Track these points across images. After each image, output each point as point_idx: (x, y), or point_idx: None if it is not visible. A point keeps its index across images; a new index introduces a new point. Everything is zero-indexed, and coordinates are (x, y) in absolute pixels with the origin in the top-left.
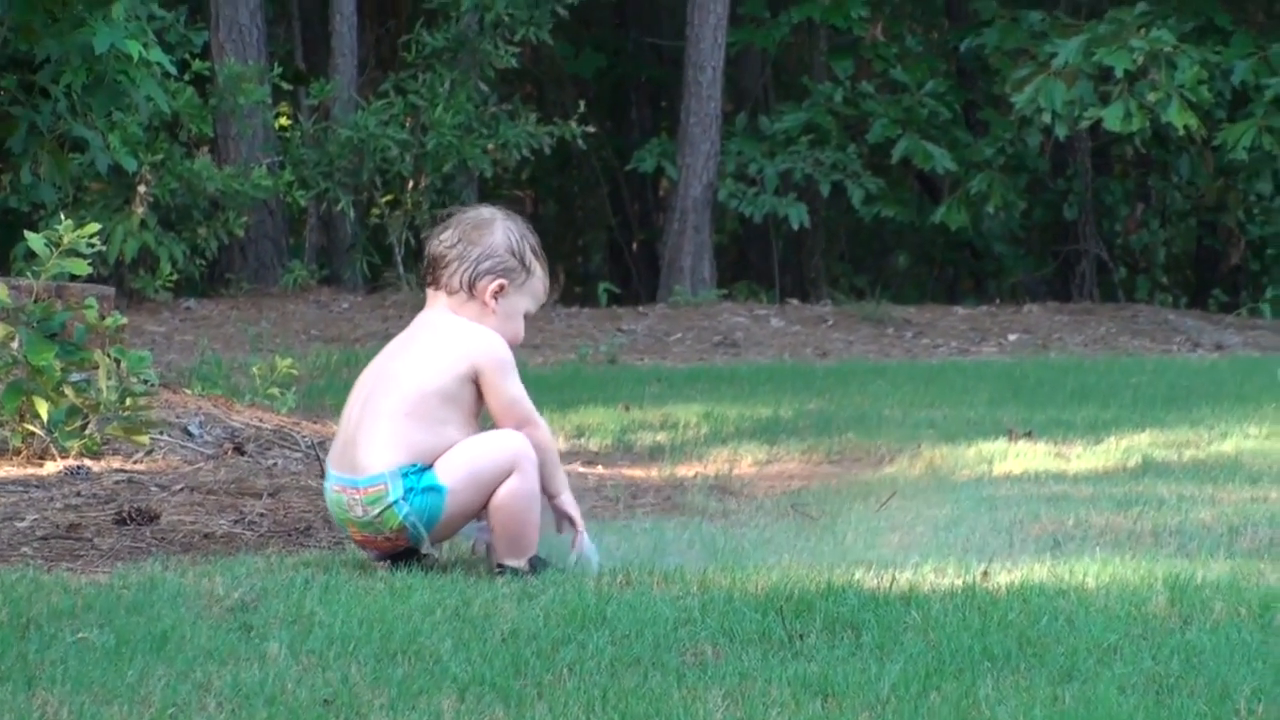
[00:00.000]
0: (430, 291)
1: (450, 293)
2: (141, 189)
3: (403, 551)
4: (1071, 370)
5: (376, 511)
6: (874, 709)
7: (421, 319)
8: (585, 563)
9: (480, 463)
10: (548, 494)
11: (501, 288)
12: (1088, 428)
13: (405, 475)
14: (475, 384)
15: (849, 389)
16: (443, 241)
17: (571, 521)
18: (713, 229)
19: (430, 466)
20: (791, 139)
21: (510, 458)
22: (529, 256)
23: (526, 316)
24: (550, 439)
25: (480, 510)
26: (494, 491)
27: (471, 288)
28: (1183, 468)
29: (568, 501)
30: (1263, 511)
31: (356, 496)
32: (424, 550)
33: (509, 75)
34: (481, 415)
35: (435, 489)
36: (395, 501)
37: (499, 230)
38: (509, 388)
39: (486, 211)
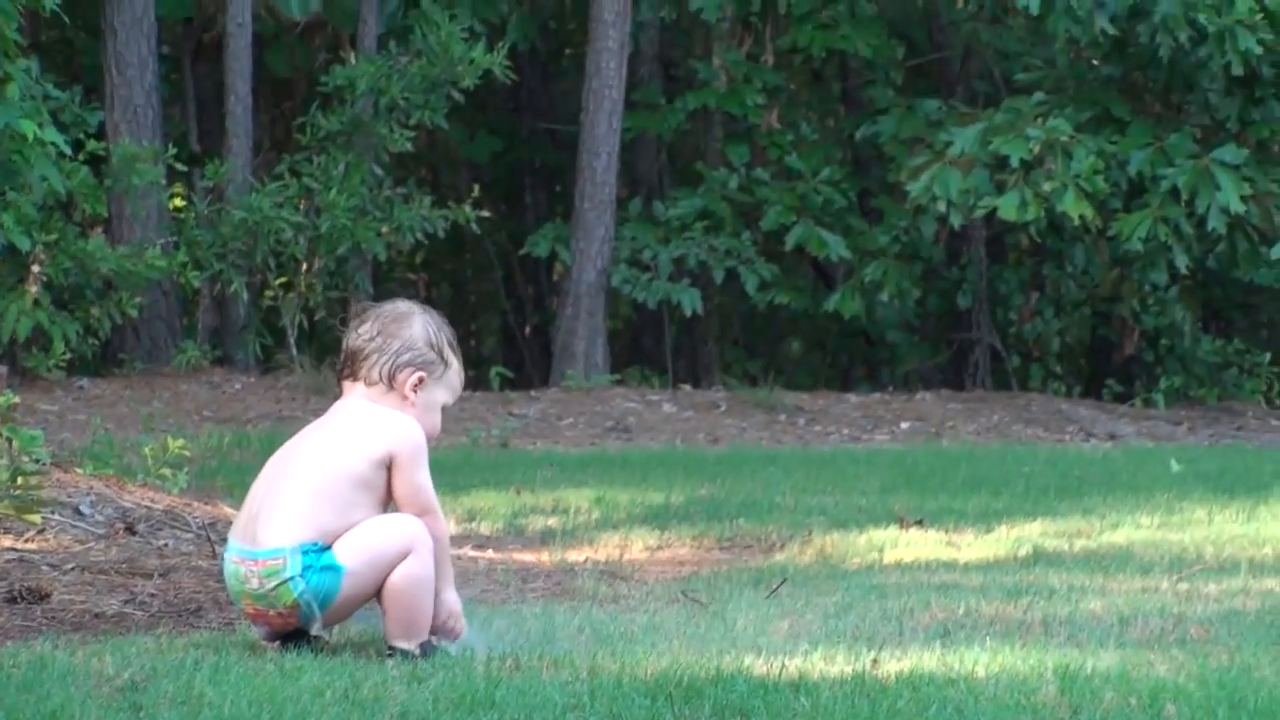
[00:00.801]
0: (347, 384)
1: (369, 384)
2: (35, 268)
3: (293, 632)
4: (964, 458)
5: (272, 585)
6: None
7: (339, 406)
8: (470, 644)
9: (379, 545)
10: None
11: (421, 380)
12: (979, 516)
13: (305, 552)
14: (388, 469)
15: (741, 475)
16: (361, 334)
17: (451, 619)
18: (606, 314)
19: (330, 546)
20: (686, 225)
21: (408, 541)
22: (446, 350)
23: (444, 410)
24: (446, 532)
25: (373, 594)
26: (389, 574)
27: (391, 380)
28: (1074, 557)
29: (451, 599)
30: (1153, 602)
31: (254, 569)
32: (314, 632)
33: (404, 159)
34: (389, 505)
35: (333, 568)
36: (292, 578)
37: (417, 324)
38: (418, 475)
39: (404, 305)
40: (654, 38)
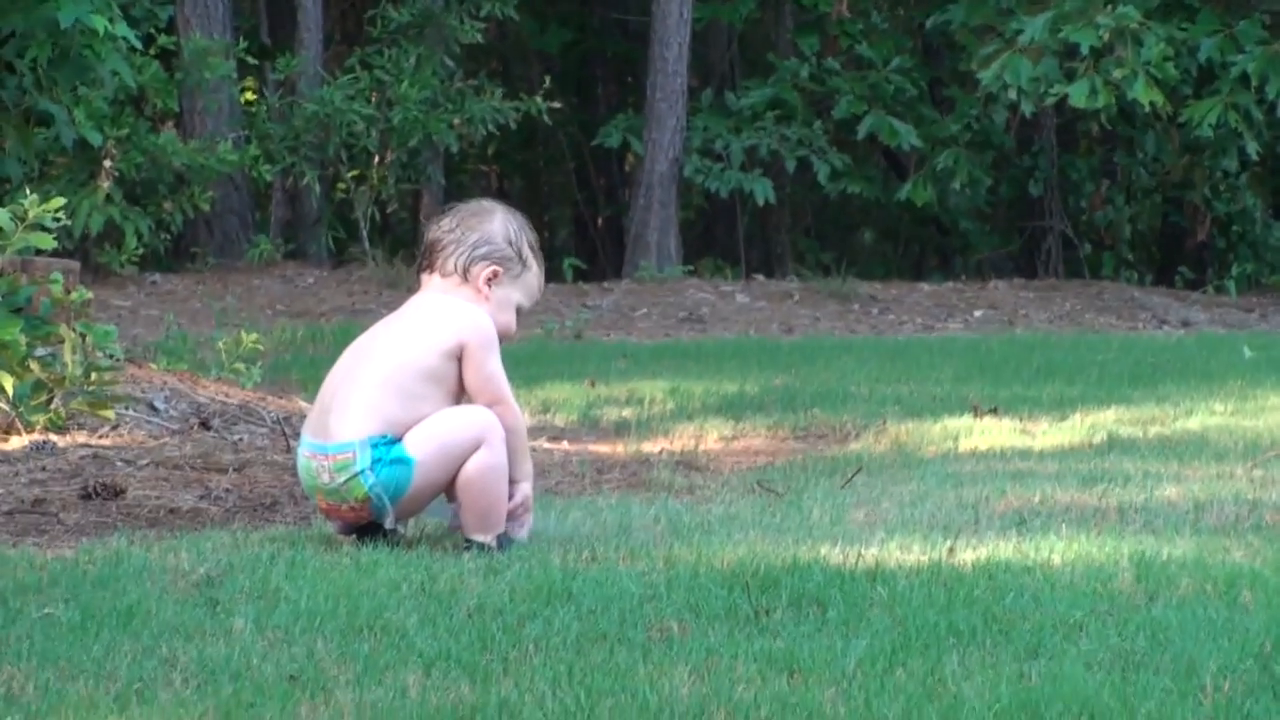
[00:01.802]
0: (424, 276)
1: (444, 276)
2: (107, 163)
3: (368, 526)
4: (1037, 347)
5: (342, 479)
6: (839, 684)
7: (414, 300)
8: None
9: (449, 436)
10: (510, 479)
11: (495, 274)
12: (1053, 404)
13: (374, 445)
14: (459, 361)
15: (814, 365)
16: (441, 227)
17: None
18: (678, 205)
19: (400, 439)
20: (757, 115)
21: (479, 432)
22: (525, 250)
23: (520, 311)
24: (521, 422)
25: (447, 485)
26: (461, 466)
27: (466, 273)
28: (1148, 444)
29: (525, 490)
30: (1228, 488)
31: (325, 463)
32: (387, 525)
33: (475, 51)
34: (462, 397)
35: (403, 461)
36: (362, 471)
37: (498, 220)
38: (488, 365)
39: (487, 203)
40: None
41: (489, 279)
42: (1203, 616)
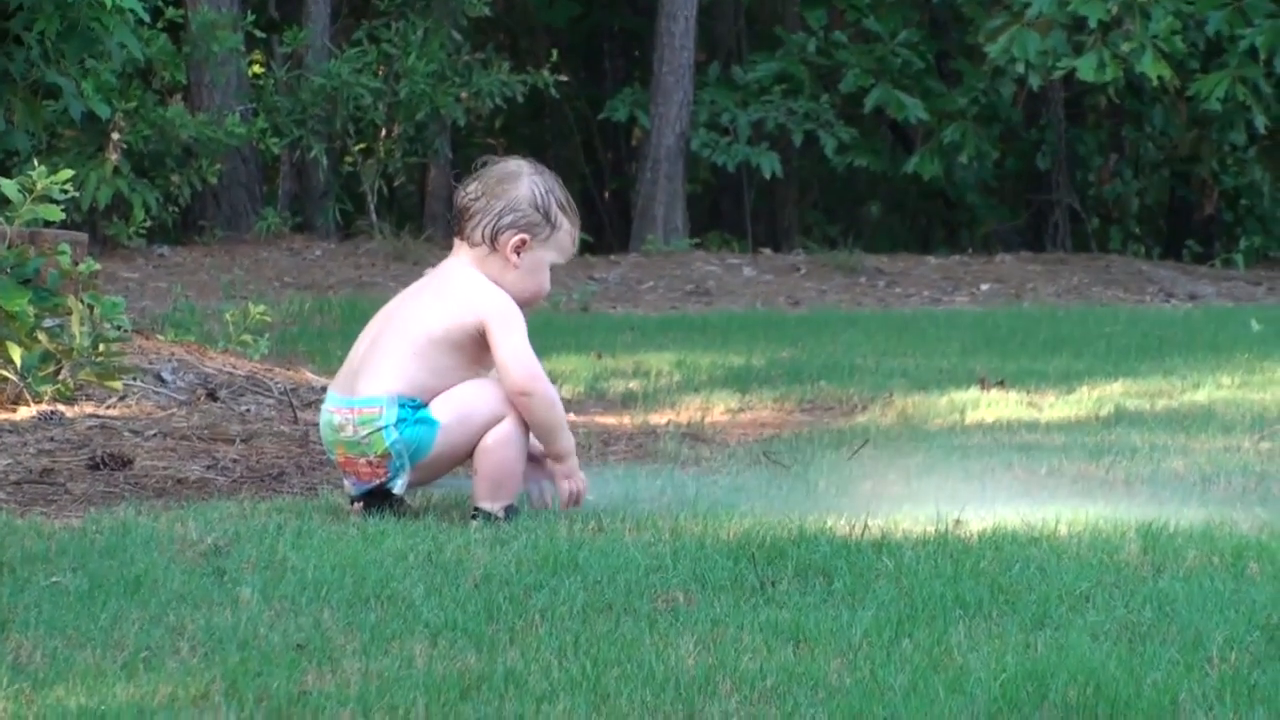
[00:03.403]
0: (456, 241)
1: (473, 245)
2: (115, 136)
3: (376, 493)
4: (1044, 320)
5: (366, 433)
6: (846, 655)
7: (442, 266)
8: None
9: (473, 404)
10: (552, 455)
11: (524, 242)
12: (1060, 377)
13: (402, 405)
14: (481, 336)
15: (821, 338)
16: (468, 194)
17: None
18: (685, 178)
19: (427, 404)
20: (764, 89)
21: (503, 404)
22: (554, 211)
23: (553, 269)
24: (554, 394)
25: (465, 455)
26: (482, 435)
27: (494, 241)
28: (1155, 417)
29: (573, 466)
30: (1235, 460)
31: (350, 415)
32: (397, 491)
33: (482, 24)
34: (490, 369)
35: (427, 422)
36: (386, 426)
37: (524, 184)
38: (509, 342)
39: (514, 164)
40: None
41: (516, 247)
42: (1209, 588)
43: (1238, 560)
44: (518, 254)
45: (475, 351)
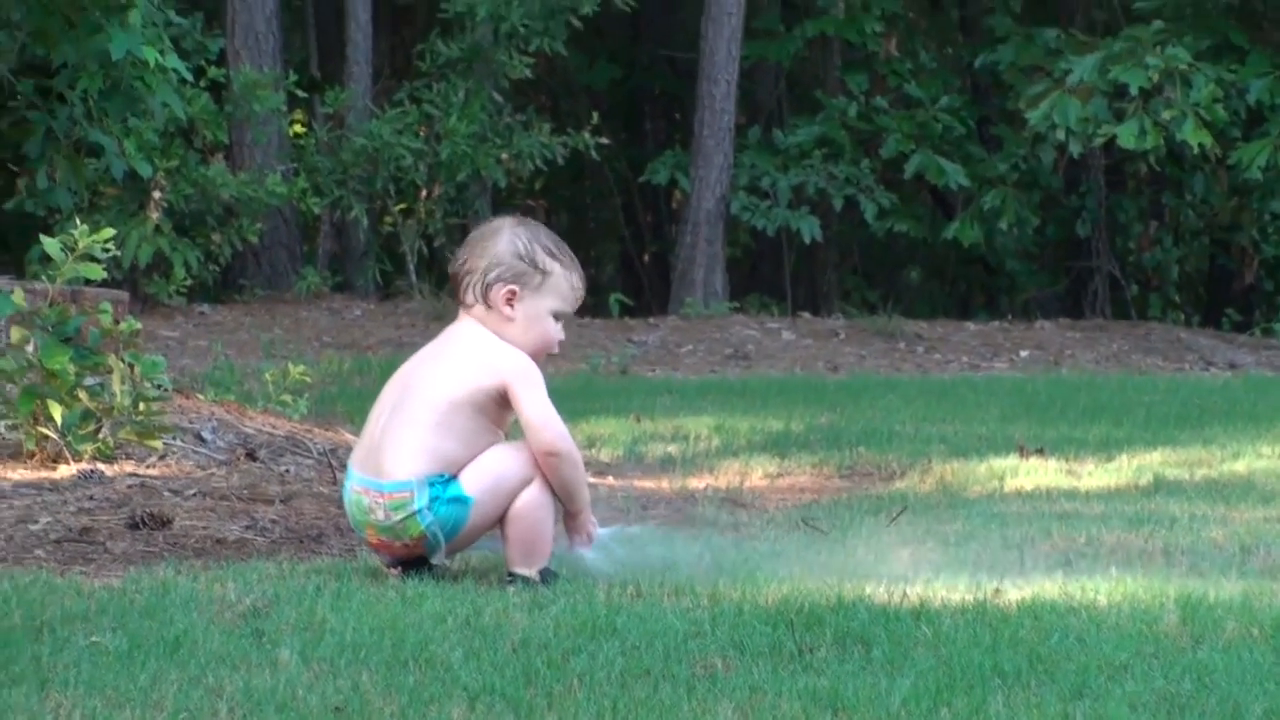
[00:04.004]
0: (461, 308)
1: (469, 308)
2: (156, 195)
3: (414, 559)
4: (1083, 387)
5: (399, 518)
6: None
7: (450, 330)
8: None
9: (502, 473)
10: (572, 510)
11: (513, 294)
12: (1099, 445)
13: (432, 485)
14: (502, 397)
15: (860, 403)
16: (457, 259)
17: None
18: (725, 241)
19: (456, 477)
20: (805, 153)
21: (531, 469)
22: (540, 258)
23: (559, 317)
24: (576, 453)
25: (497, 521)
26: (512, 501)
27: (486, 299)
28: (1195, 487)
29: (588, 520)
30: (1275, 531)
31: (380, 500)
32: (435, 561)
33: (523, 85)
34: (511, 426)
35: (461, 500)
36: (419, 510)
37: (504, 238)
38: (532, 402)
39: (496, 222)
40: None
41: (508, 299)
42: (1249, 660)
43: (1278, 632)
44: (510, 305)
45: (496, 413)
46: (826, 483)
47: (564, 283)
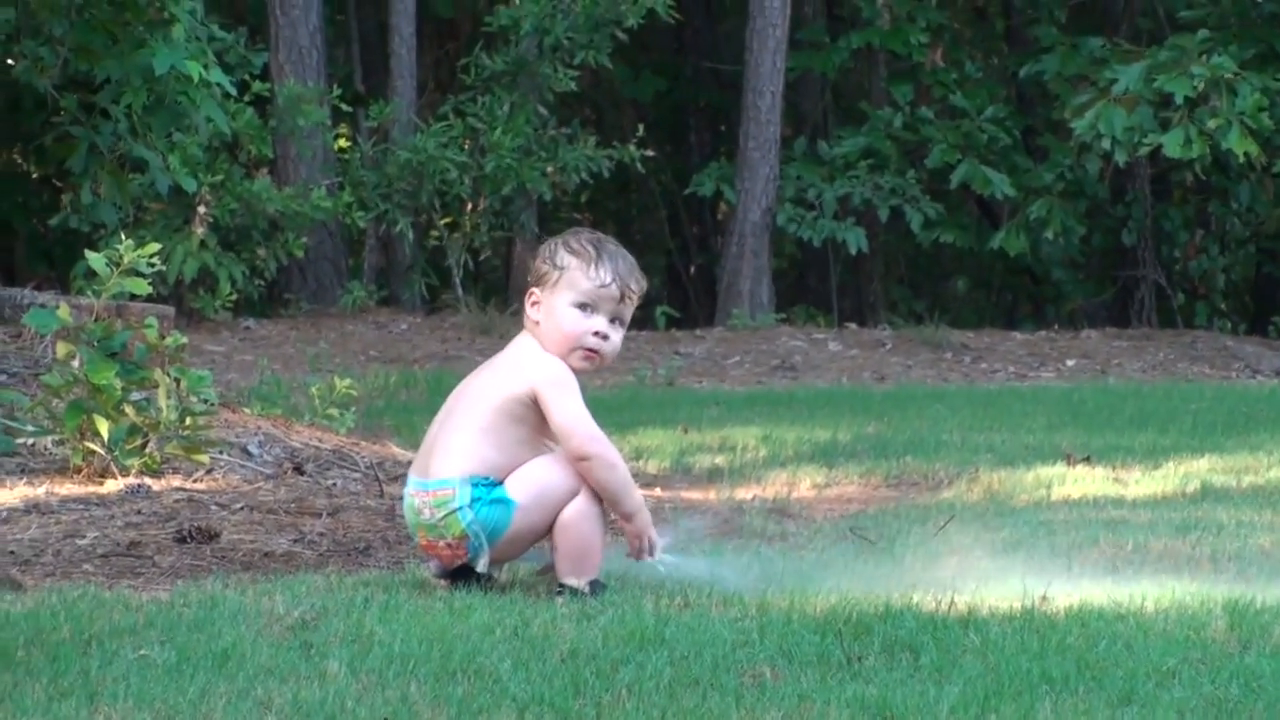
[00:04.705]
0: None
1: (526, 328)
2: (201, 209)
3: (462, 570)
4: (1130, 396)
5: (441, 515)
6: None
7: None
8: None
9: (549, 482)
10: (621, 516)
11: (535, 296)
12: (1146, 453)
13: (475, 485)
14: (537, 405)
15: (907, 413)
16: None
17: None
18: (771, 253)
19: (502, 482)
20: (850, 164)
21: (578, 477)
22: (560, 255)
23: (585, 308)
24: (617, 456)
25: (545, 532)
26: (559, 512)
27: (526, 314)
28: (1242, 493)
29: (641, 526)
30: None
31: (426, 499)
32: (480, 569)
33: (568, 99)
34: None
35: (504, 502)
36: (460, 508)
37: (542, 250)
38: (566, 406)
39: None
40: None
41: (533, 304)
42: None
43: None
44: (535, 309)
45: (537, 422)
46: (874, 493)
47: (579, 274)
